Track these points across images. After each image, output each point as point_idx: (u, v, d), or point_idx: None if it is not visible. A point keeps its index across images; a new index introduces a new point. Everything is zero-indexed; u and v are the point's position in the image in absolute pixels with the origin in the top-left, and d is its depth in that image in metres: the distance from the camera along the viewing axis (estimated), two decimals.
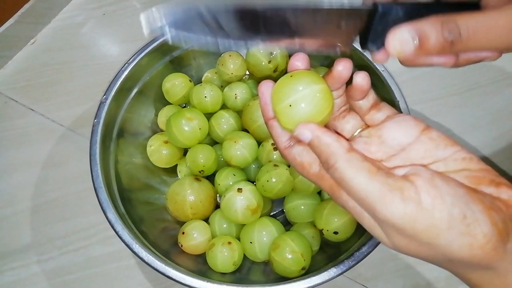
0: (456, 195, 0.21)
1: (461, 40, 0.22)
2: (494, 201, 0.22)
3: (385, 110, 0.27)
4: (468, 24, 0.21)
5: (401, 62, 0.24)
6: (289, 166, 0.44)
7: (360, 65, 0.47)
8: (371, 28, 0.24)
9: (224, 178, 0.45)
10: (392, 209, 0.21)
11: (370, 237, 0.38)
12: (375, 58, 0.25)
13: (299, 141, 0.25)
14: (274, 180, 0.43)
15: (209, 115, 0.49)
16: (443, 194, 0.21)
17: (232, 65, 0.50)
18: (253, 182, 0.45)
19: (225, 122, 0.48)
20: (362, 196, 0.21)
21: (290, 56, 0.51)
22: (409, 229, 0.21)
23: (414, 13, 0.23)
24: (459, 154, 0.24)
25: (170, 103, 0.52)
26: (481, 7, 0.24)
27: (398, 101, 0.44)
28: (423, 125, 0.25)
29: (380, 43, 0.24)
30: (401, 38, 0.22)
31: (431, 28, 0.22)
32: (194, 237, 0.43)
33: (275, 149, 0.44)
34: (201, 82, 0.53)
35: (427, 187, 0.21)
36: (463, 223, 0.20)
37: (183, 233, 0.43)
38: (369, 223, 0.23)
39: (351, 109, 0.28)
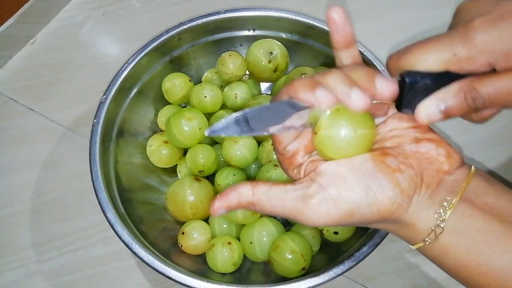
0: (360, 174, 0.25)
1: (483, 105, 0.24)
2: (405, 160, 0.25)
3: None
4: (488, 90, 0.24)
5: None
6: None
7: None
8: (403, 97, 0.26)
9: (224, 178, 0.45)
10: (310, 217, 0.25)
11: (371, 237, 0.38)
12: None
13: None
14: (274, 180, 0.43)
15: (209, 115, 0.49)
16: (346, 179, 0.25)
17: (232, 65, 0.50)
18: None
19: None
20: (286, 215, 0.26)
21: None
22: (331, 222, 0.25)
23: (439, 80, 0.25)
24: (392, 116, 0.28)
25: (170, 103, 0.52)
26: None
27: None
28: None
29: (413, 107, 0.26)
30: (428, 111, 0.25)
31: (455, 99, 0.25)
32: (194, 237, 0.43)
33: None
34: (201, 82, 0.53)
35: (331, 181, 0.25)
36: (369, 195, 0.24)
37: (183, 233, 0.43)
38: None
39: None
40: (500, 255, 0.24)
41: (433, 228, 0.25)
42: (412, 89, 0.25)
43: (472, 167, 0.26)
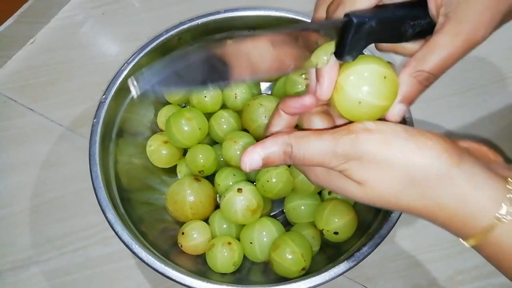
0: (397, 125, 0.24)
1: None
2: None
3: None
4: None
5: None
6: (289, 166, 0.44)
7: None
8: (347, 41, 0.25)
9: (224, 178, 0.45)
10: (349, 140, 0.23)
11: (371, 237, 0.38)
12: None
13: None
14: (274, 180, 0.43)
15: (209, 115, 0.49)
16: (383, 123, 0.24)
17: None
18: (253, 182, 0.45)
19: (225, 122, 0.48)
20: (319, 154, 0.24)
21: None
22: (366, 149, 0.23)
23: (383, 24, 0.25)
24: None
25: (169, 103, 0.52)
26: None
27: None
28: None
29: (355, 54, 0.25)
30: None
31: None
32: (194, 237, 0.43)
33: None
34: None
35: (370, 121, 0.24)
36: (408, 133, 0.23)
37: (183, 233, 0.43)
38: (339, 183, 0.25)
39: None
40: None
41: (507, 197, 0.21)
42: (358, 33, 0.24)
43: None
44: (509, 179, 0.22)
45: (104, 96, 0.44)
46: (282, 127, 0.28)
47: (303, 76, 0.46)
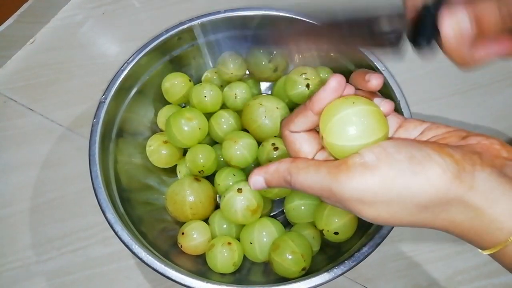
0: (402, 145, 0.22)
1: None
2: (456, 147, 0.22)
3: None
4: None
5: (459, 64, 0.24)
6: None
7: (361, 64, 0.47)
8: (421, 22, 0.23)
9: (224, 178, 0.45)
10: (345, 183, 0.22)
11: (371, 237, 0.38)
12: (424, 55, 0.25)
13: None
14: None
15: (208, 115, 0.49)
16: (386, 148, 0.22)
17: (232, 64, 0.50)
18: None
19: (225, 122, 0.48)
20: (316, 187, 0.24)
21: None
22: (364, 193, 0.22)
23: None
24: (428, 128, 0.25)
25: (169, 103, 0.52)
26: None
27: (399, 101, 0.43)
28: (400, 120, 0.27)
29: (431, 35, 0.23)
30: (457, 19, 0.22)
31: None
32: (194, 237, 0.43)
33: (275, 149, 0.44)
34: (201, 82, 0.53)
35: (371, 148, 0.22)
36: (412, 163, 0.21)
37: (183, 233, 0.43)
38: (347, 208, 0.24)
39: None
40: None
41: None
42: (433, 12, 0.22)
43: None
44: None
45: (104, 96, 0.44)
46: (303, 128, 0.27)
47: (303, 76, 0.45)
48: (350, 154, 0.23)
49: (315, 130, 0.28)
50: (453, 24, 0.22)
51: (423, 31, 0.23)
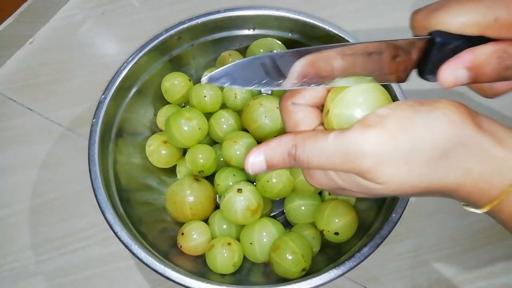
0: (412, 101, 0.22)
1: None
2: None
3: None
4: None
5: (481, 95, 0.25)
6: None
7: None
8: (428, 59, 0.23)
9: (223, 179, 0.45)
10: (362, 137, 0.21)
11: (371, 238, 0.38)
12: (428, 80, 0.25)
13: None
14: (274, 180, 0.42)
15: (208, 115, 0.49)
16: (395, 103, 0.22)
17: None
18: (253, 183, 0.45)
19: (224, 122, 0.48)
20: (324, 157, 0.22)
21: None
22: (389, 142, 0.21)
23: (472, 44, 0.22)
24: None
25: (169, 103, 0.52)
26: None
27: (399, 101, 0.43)
28: None
29: (434, 68, 0.24)
30: (456, 75, 0.22)
31: (487, 64, 0.22)
32: (194, 238, 0.43)
33: None
34: (201, 81, 0.53)
35: (380, 107, 0.22)
36: (424, 104, 0.21)
37: (183, 234, 0.43)
38: (354, 184, 0.23)
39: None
40: None
41: None
42: (440, 52, 0.23)
43: None
44: None
45: (103, 96, 0.44)
46: (310, 100, 0.25)
47: None
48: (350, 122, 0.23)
49: (317, 107, 0.26)
50: (452, 78, 0.23)
51: (429, 68, 0.24)
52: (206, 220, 0.45)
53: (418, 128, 0.21)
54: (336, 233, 0.42)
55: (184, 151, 0.50)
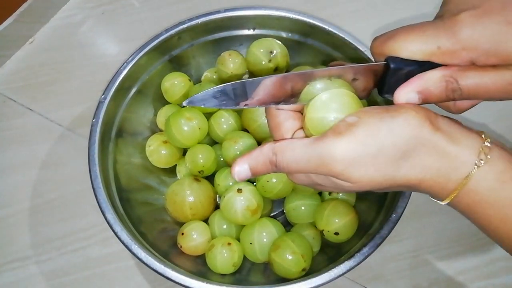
0: (374, 106, 0.25)
1: (461, 97, 0.26)
2: None
3: None
4: (469, 84, 0.25)
5: (446, 111, 0.29)
6: None
7: (357, 59, 0.47)
8: (385, 81, 0.26)
9: (223, 179, 0.45)
10: (335, 144, 0.24)
11: (371, 238, 0.38)
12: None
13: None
14: (274, 180, 0.42)
15: (208, 115, 0.49)
16: (363, 109, 0.25)
17: (231, 64, 0.50)
18: (253, 183, 0.45)
19: (224, 122, 0.48)
20: (302, 162, 0.25)
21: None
22: (358, 148, 0.24)
23: (423, 69, 0.25)
24: None
25: (169, 103, 0.52)
26: None
27: None
28: None
29: (394, 92, 0.26)
30: (407, 98, 0.26)
31: (435, 87, 0.25)
32: (194, 238, 0.43)
33: None
34: (201, 82, 0.53)
35: (349, 114, 0.25)
36: (389, 110, 0.24)
37: (183, 234, 0.43)
38: (330, 182, 0.26)
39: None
40: None
41: (481, 147, 0.24)
42: (395, 75, 0.26)
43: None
44: (482, 134, 0.25)
45: (103, 96, 0.44)
46: (291, 106, 0.29)
47: None
48: (328, 128, 0.25)
49: (299, 111, 0.29)
50: (404, 100, 0.26)
51: (387, 89, 0.27)
52: (206, 220, 0.45)
53: (382, 134, 0.24)
54: (336, 233, 0.42)
55: (184, 151, 0.50)
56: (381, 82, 0.27)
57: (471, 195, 0.24)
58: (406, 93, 0.26)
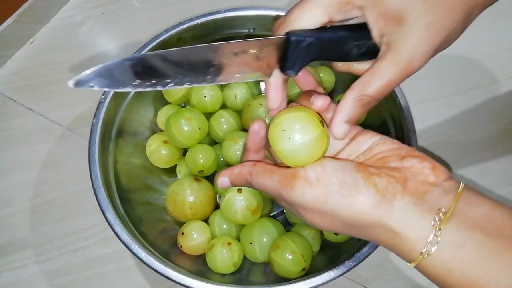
0: (339, 168, 0.26)
1: (379, 100, 0.28)
2: (388, 172, 0.26)
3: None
4: (375, 89, 0.27)
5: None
6: None
7: None
8: (287, 57, 0.27)
9: None
10: (291, 192, 0.26)
11: None
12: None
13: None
14: None
15: (208, 115, 0.49)
16: (325, 168, 0.26)
17: None
18: None
19: (225, 122, 0.48)
20: (270, 189, 0.28)
21: None
22: (305, 202, 0.26)
23: (322, 40, 0.27)
24: (376, 143, 0.28)
25: (169, 103, 0.52)
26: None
27: (399, 100, 0.43)
28: (356, 131, 0.30)
29: (296, 69, 0.28)
30: (342, 130, 0.28)
31: (355, 110, 0.28)
32: (194, 237, 0.43)
33: None
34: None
35: (314, 166, 0.27)
36: (343, 187, 0.25)
37: (183, 233, 0.43)
38: (295, 212, 0.29)
39: None
40: (508, 270, 0.22)
41: (430, 238, 0.24)
42: (296, 49, 0.27)
43: (461, 182, 0.26)
44: (442, 210, 0.24)
45: (103, 96, 0.44)
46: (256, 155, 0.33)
47: None
48: (290, 157, 0.27)
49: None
50: (341, 131, 0.28)
51: (289, 64, 0.28)
52: (206, 220, 0.45)
53: (332, 206, 0.25)
54: (336, 233, 0.42)
55: (184, 151, 0.50)
56: (283, 58, 0.27)
57: (427, 273, 0.25)
58: (338, 126, 0.28)
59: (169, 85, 0.26)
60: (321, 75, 0.48)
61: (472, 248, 0.23)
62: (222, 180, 0.32)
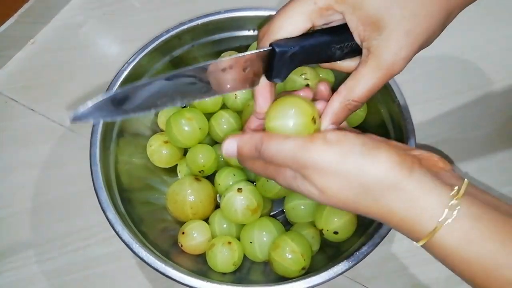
0: (360, 134, 0.26)
1: (363, 103, 0.29)
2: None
3: None
4: (361, 93, 0.28)
5: None
6: None
7: None
8: (273, 66, 0.28)
9: (224, 178, 0.45)
10: (309, 151, 0.25)
11: (370, 237, 0.38)
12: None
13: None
14: None
15: (209, 115, 0.49)
16: (347, 133, 0.26)
17: None
18: (253, 182, 0.45)
19: (225, 122, 0.48)
20: (281, 154, 0.27)
21: None
22: (320, 162, 0.25)
23: (306, 50, 0.28)
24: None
25: None
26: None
27: (398, 101, 0.44)
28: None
29: (282, 76, 0.29)
30: (228, 145, 0.30)
31: (341, 113, 0.29)
32: (194, 237, 0.43)
33: None
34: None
35: (334, 131, 0.27)
36: (364, 147, 0.25)
37: (183, 233, 0.43)
38: (302, 186, 0.27)
39: None
40: None
41: (448, 206, 0.23)
42: (281, 59, 0.27)
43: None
44: (456, 187, 0.24)
45: None
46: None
47: (303, 76, 0.46)
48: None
49: None
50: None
51: (275, 73, 0.28)
52: (206, 220, 0.45)
53: (351, 164, 0.25)
54: (336, 232, 0.42)
55: (185, 151, 0.50)
56: (269, 67, 0.28)
57: (441, 247, 0.25)
58: (326, 127, 0.29)
59: (162, 107, 0.27)
60: (320, 75, 0.49)
61: (490, 222, 0.23)
62: (228, 145, 0.30)
